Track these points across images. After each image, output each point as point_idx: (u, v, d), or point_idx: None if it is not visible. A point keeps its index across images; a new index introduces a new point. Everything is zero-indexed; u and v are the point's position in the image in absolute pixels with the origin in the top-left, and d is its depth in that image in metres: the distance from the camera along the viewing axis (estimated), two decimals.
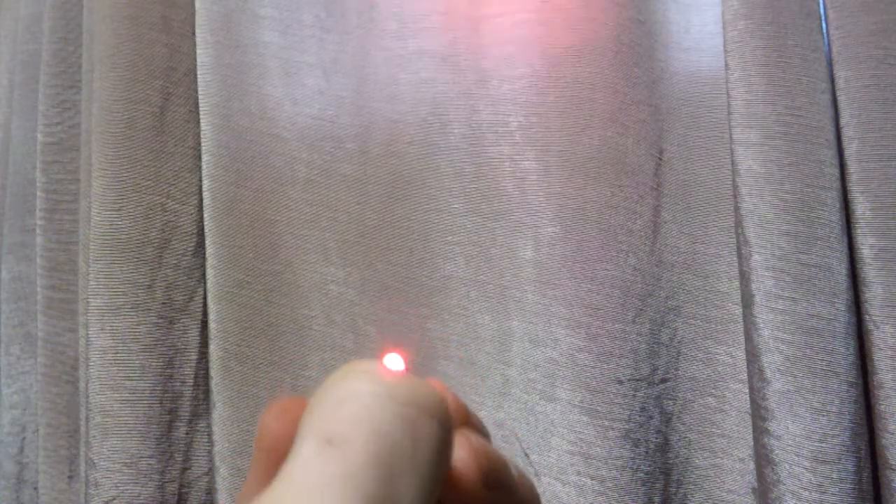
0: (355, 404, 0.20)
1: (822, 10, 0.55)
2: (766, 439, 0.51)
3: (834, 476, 0.49)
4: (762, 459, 0.52)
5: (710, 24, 0.61)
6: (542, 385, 0.56)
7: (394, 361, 0.23)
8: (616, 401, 0.55)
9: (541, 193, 0.58)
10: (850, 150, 0.53)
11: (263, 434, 0.22)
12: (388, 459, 0.19)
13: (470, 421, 0.24)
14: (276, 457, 0.22)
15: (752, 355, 0.53)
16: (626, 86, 0.59)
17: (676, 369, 0.58)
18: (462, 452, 0.22)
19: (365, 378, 0.21)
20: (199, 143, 0.63)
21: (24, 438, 0.71)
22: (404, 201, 0.63)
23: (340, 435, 0.19)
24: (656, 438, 0.56)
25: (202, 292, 0.62)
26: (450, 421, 0.21)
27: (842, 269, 0.52)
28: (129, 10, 0.63)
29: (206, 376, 0.61)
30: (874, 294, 0.51)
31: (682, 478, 0.57)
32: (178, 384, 0.61)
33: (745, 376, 0.56)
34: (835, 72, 0.54)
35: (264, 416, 0.22)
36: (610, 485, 0.54)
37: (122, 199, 0.61)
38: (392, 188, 0.63)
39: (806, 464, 0.50)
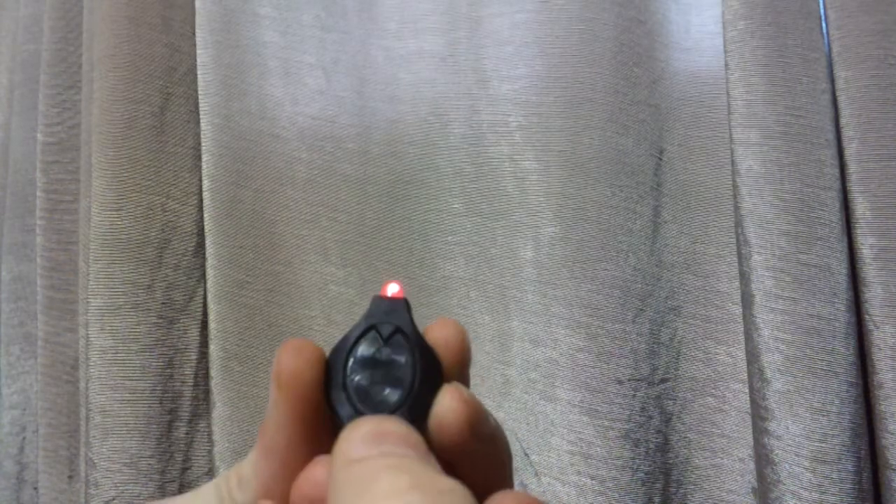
0: None
1: (822, 10, 0.55)
2: (766, 439, 0.51)
3: (834, 476, 0.49)
4: (762, 459, 0.52)
5: (710, 24, 0.61)
6: (542, 385, 0.56)
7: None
8: (616, 401, 0.55)
9: (541, 193, 0.58)
10: (850, 150, 0.53)
11: (282, 370, 0.23)
12: None
13: (464, 373, 0.25)
14: (294, 394, 0.22)
15: (752, 355, 0.53)
16: (626, 86, 0.59)
17: (676, 369, 0.58)
18: (454, 403, 0.22)
19: None
20: (199, 143, 0.63)
21: (24, 438, 0.71)
22: (404, 201, 0.63)
23: None
24: (656, 438, 0.56)
25: (202, 292, 0.62)
26: None
27: (842, 269, 0.52)
28: (129, 10, 0.63)
29: (206, 376, 0.61)
30: (874, 294, 0.51)
31: (682, 478, 0.57)
32: (178, 384, 0.61)
33: (745, 376, 0.56)
34: (835, 72, 0.54)
35: (280, 352, 0.23)
36: (610, 485, 0.54)
37: (122, 199, 0.61)
38: (392, 188, 0.63)
39: (806, 464, 0.50)
